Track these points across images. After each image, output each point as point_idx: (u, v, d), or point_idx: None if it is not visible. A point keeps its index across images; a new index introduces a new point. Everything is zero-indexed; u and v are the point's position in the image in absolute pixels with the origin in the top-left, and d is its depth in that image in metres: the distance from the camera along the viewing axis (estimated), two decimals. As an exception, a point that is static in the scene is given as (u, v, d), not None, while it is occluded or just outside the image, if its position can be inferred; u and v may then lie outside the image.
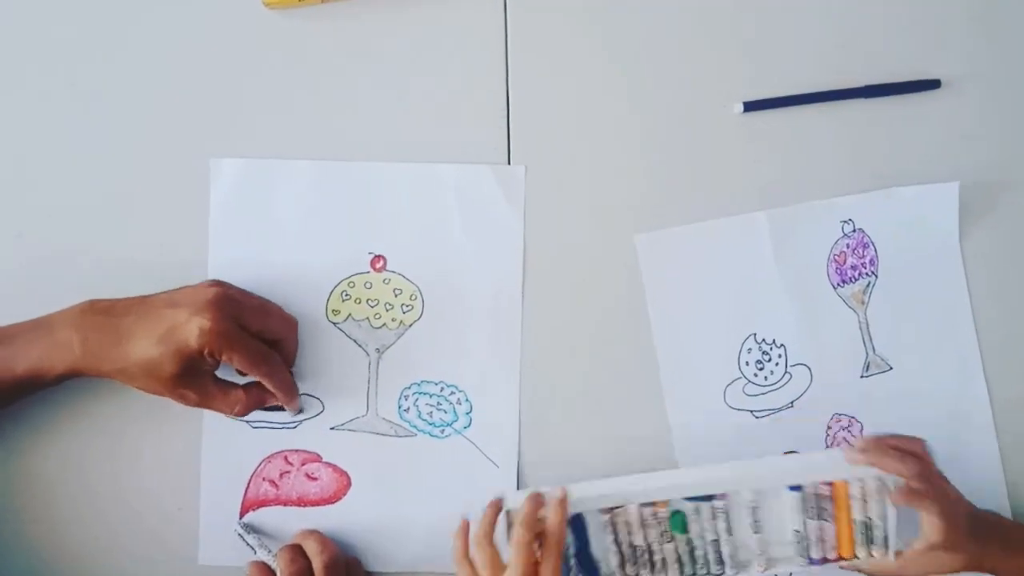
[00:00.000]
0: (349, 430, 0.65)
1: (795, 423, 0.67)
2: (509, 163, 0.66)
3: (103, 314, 0.57)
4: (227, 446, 0.64)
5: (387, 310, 0.65)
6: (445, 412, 0.65)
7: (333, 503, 0.64)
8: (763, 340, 0.67)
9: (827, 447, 0.67)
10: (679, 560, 0.62)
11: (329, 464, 0.65)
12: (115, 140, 0.65)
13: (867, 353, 0.68)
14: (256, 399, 0.60)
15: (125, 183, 0.64)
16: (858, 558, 0.61)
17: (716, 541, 0.61)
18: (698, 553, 0.62)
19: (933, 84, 0.68)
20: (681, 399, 0.66)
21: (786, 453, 0.66)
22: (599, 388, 0.66)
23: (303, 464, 0.64)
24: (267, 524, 0.64)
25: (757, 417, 0.67)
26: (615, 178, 0.66)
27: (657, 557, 0.62)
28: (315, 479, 0.64)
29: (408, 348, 0.65)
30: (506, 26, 0.65)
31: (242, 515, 0.64)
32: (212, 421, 0.63)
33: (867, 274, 0.68)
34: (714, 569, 0.62)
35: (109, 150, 0.65)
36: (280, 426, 0.64)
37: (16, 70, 0.65)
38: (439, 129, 0.65)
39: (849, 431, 0.68)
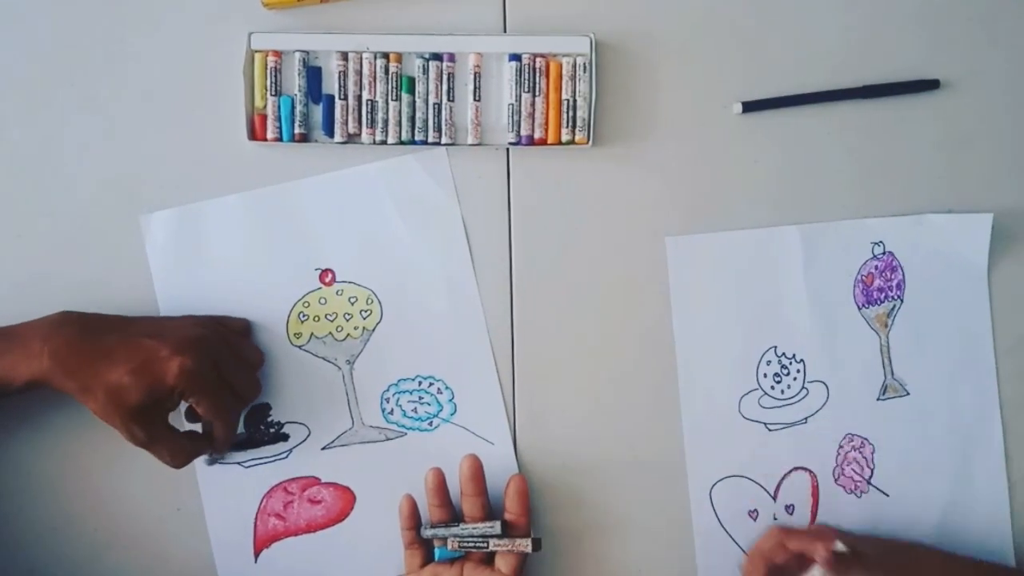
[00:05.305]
0: (340, 446, 0.64)
1: (808, 439, 0.67)
2: (508, 166, 0.65)
3: (77, 329, 0.55)
4: (226, 492, 0.64)
5: (347, 320, 0.64)
6: (428, 405, 0.65)
7: (342, 520, 0.64)
8: (783, 354, 0.67)
9: (837, 465, 0.67)
10: (400, 122, 0.63)
11: (329, 484, 0.64)
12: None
13: (885, 376, 0.68)
14: (199, 450, 0.59)
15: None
16: (561, 143, 0.64)
17: (438, 105, 0.63)
18: (419, 116, 0.63)
19: (932, 84, 0.67)
20: (696, 404, 0.66)
21: (796, 469, 0.67)
22: (592, 363, 0.66)
23: (304, 490, 0.64)
24: (284, 558, 0.64)
25: (770, 430, 0.67)
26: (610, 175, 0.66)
27: (381, 116, 0.63)
28: (319, 502, 0.64)
29: (377, 352, 0.64)
30: (504, 26, 0.64)
31: (256, 555, 0.64)
32: (204, 473, 0.64)
33: (893, 297, 0.68)
34: (431, 136, 0.64)
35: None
36: (273, 459, 0.64)
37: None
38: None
39: (861, 452, 0.68)
